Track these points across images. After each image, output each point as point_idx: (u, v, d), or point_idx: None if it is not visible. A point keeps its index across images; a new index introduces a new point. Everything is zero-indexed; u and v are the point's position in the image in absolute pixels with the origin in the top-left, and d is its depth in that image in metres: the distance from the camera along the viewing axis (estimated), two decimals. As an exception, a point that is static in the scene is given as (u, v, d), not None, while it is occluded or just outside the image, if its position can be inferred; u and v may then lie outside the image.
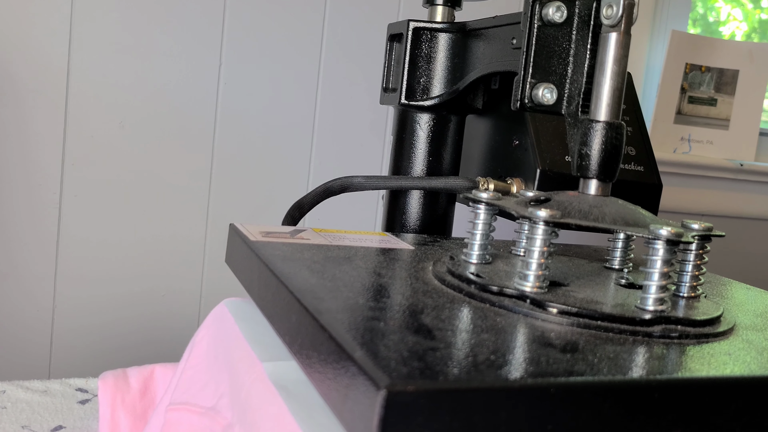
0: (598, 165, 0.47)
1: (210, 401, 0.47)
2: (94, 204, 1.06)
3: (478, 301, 0.43)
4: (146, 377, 0.58)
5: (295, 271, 0.44)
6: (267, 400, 0.40)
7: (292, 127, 1.14)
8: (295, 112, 1.14)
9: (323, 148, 1.15)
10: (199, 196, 1.11)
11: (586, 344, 0.37)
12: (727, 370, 0.36)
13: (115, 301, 1.08)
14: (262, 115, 1.12)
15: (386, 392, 0.28)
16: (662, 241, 0.41)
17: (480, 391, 0.30)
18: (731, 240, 1.41)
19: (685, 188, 1.36)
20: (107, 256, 1.07)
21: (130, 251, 1.08)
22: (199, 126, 1.09)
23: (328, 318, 0.36)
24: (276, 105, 1.12)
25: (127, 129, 1.07)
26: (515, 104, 0.50)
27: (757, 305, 0.52)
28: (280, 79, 1.12)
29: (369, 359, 0.31)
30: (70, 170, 1.05)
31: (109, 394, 0.56)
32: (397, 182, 0.64)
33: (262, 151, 1.13)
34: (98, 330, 1.08)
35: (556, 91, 0.49)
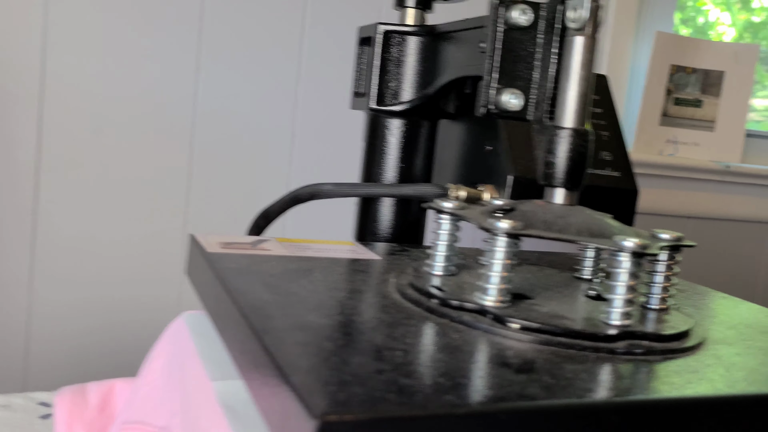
0: (564, 173, 0.45)
1: (163, 420, 0.45)
2: (70, 208, 1.04)
3: (437, 316, 0.41)
4: (105, 393, 0.56)
5: (249, 286, 0.42)
6: (214, 422, 0.38)
7: (272, 130, 1.12)
8: (274, 115, 1.12)
9: (303, 151, 1.14)
10: (177, 200, 1.09)
11: (544, 363, 0.35)
12: (691, 389, 0.34)
13: (93, 307, 1.06)
14: (241, 118, 1.10)
15: (319, 421, 0.27)
16: (627, 253, 0.40)
17: (422, 419, 0.28)
18: (718, 243, 1.39)
19: (671, 190, 1.35)
20: (84, 260, 1.05)
21: (107, 257, 1.06)
22: (177, 129, 1.08)
23: (272, 338, 0.34)
24: (255, 108, 1.11)
25: (104, 132, 1.05)
26: (480, 110, 0.48)
27: (731, 316, 0.51)
28: (260, 81, 1.10)
29: (306, 384, 0.29)
30: (46, 174, 1.03)
31: (66, 411, 0.54)
32: (367, 189, 0.62)
33: (241, 155, 1.11)
34: (75, 337, 1.06)
35: (522, 97, 0.48)
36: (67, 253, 1.04)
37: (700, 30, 1.56)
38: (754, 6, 1.58)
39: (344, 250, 0.56)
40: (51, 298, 1.04)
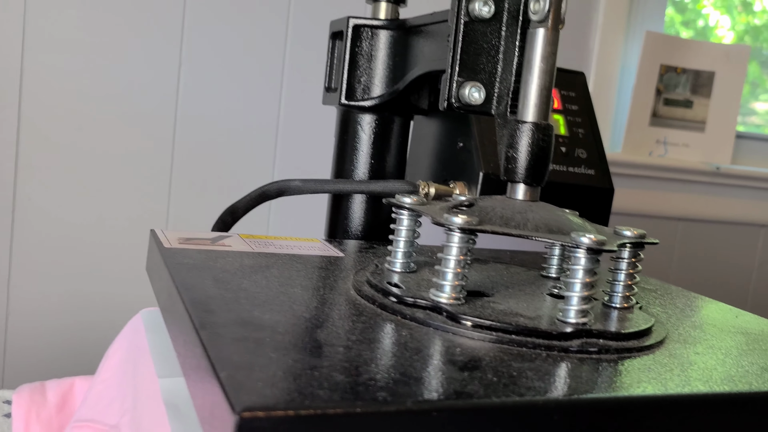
0: (525, 168, 0.44)
1: (115, 419, 0.44)
2: (50, 207, 1.03)
3: (389, 313, 0.40)
4: (65, 391, 0.55)
5: (198, 282, 0.41)
6: (157, 420, 0.37)
7: (256, 127, 1.11)
8: (258, 112, 1.11)
9: (287, 149, 1.13)
10: (159, 199, 1.08)
11: (491, 361, 0.34)
12: (639, 389, 0.33)
13: (73, 304, 1.05)
14: (224, 116, 1.09)
15: (238, 418, 0.26)
16: (583, 250, 0.39)
17: (348, 417, 0.27)
18: (708, 245, 1.38)
19: (661, 192, 1.34)
20: (64, 259, 1.04)
21: (88, 256, 1.05)
22: (158, 127, 1.07)
23: (209, 333, 0.33)
24: (238, 105, 1.10)
25: (84, 131, 1.04)
26: (443, 104, 0.48)
27: (700, 316, 0.50)
28: (243, 78, 1.09)
29: (233, 379, 0.28)
30: (25, 171, 1.02)
31: (24, 409, 0.53)
32: (335, 186, 0.62)
33: (224, 153, 1.10)
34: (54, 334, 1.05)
35: (484, 91, 0.47)
36: (47, 251, 1.03)
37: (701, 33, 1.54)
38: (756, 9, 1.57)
39: (308, 247, 0.55)
40: (30, 295, 1.03)
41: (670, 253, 1.37)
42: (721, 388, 0.35)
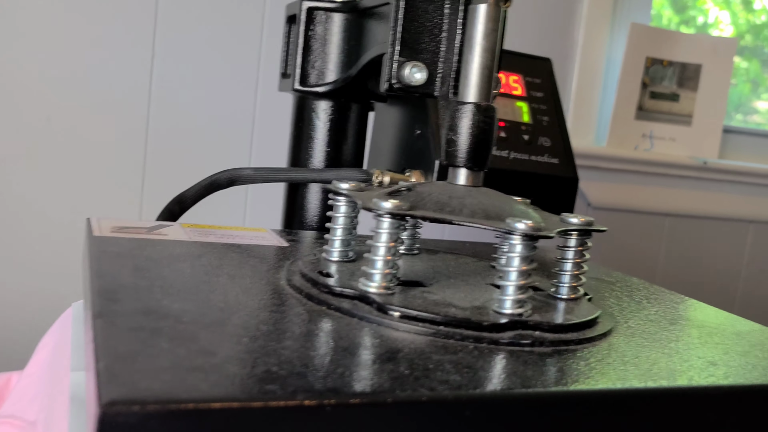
0: (466, 152, 0.42)
1: (34, 415, 0.42)
2: (21, 202, 1.01)
3: (315, 303, 0.38)
4: (1, 386, 0.53)
5: (115, 270, 0.39)
6: (63, 415, 0.35)
7: (232, 117, 1.09)
8: (233, 104, 1.09)
9: (264, 141, 1.10)
10: (132, 193, 1.06)
11: (410, 353, 0.32)
12: (564, 383, 0.31)
13: (45, 303, 1.03)
14: (198, 108, 1.07)
15: (101, 411, 0.23)
16: (518, 236, 0.37)
17: (230, 411, 0.25)
18: (695, 241, 1.36)
19: (647, 186, 1.31)
20: (37, 250, 1.02)
21: (56, 253, 1.03)
22: (131, 120, 1.05)
23: (105, 322, 0.31)
24: (213, 97, 1.07)
25: (55, 123, 1.02)
26: (383, 85, 0.45)
27: (655, 309, 0.47)
28: (218, 70, 1.07)
29: (109, 370, 0.26)
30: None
31: (-44, 404, 0.51)
32: (288, 175, 0.59)
33: (198, 146, 1.08)
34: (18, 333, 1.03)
35: (426, 71, 0.44)
36: (19, 241, 1.01)
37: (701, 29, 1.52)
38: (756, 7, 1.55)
39: (252, 237, 0.53)
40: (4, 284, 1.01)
41: (656, 249, 1.34)
42: (657, 383, 0.33)
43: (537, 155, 0.63)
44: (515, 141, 0.63)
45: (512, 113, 0.66)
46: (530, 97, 0.65)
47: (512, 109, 0.66)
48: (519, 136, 0.63)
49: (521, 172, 0.61)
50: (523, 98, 0.65)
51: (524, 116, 0.64)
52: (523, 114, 0.64)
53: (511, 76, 0.68)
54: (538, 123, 0.64)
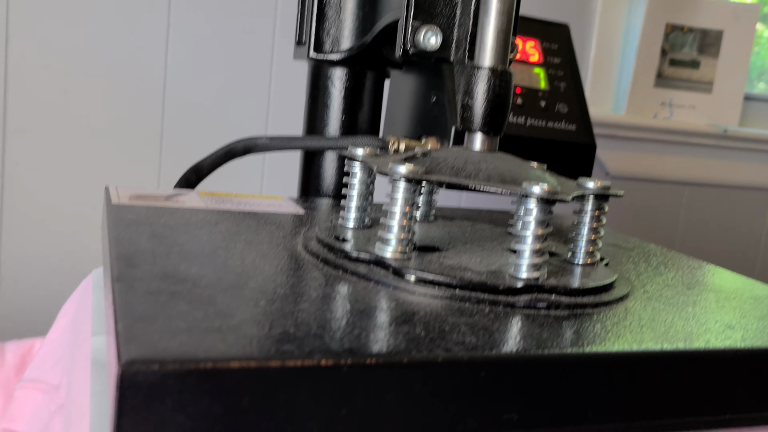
0: (482, 117, 0.42)
1: (57, 379, 0.43)
2: (38, 173, 1.02)
3: (331, 267, 0.38)
4: (24, 352, 0.54)
5: (133, 237, 0.39)
6: (84, 378, 0.35)
7: (247, 88, 1.09)
8: (249, 73, 1.09)
9: (279, 110, 1.10)
10: (149, 164, 1.07)
11: (426, 316, 0.32)
12: (579, 346, 0.31)
13: (62, 273, 1.04)
14: (214, 78, 1.07)
15: (120, 369, 0.24)
16: (534, 200, 0.36)
17: (248, 371, 0.25)
18: (715, 210, 1.34)
19: (666, 155, 1.30)
20: (50, 225, 1.03)
21: (76, 223, 1.04)
22: (147, 90, 1.05)
23: (124, 285, 0.31)
24: (229, 67, 1.07)
25: (72, 94, 1.02)
26: (398, 51, 0.45)
27: (673, 275, 0.47)
28: (233, 39, 1.07)
29: (128, 330, 0.26)
30: (12, 137, 1.01)
31: (-19, 370, 0.52)
32: (303, 143, 0.59)
33: (214, 116, 1.08)
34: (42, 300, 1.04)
35: (441, 35, 0.44)
36: (37, 218, 1.02)
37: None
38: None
39: (269, 205, 0.53)
40: (19, 258, 1.03)
41: (675, 218, 1.33)
42: (673, 345, 0.33)
43: (554, 122, 0.62)
44: (532, 107, 0.63)
45: (529, 79, 0.65)
46: (547, 63, 0.65)
47: (529, 75, 0.65)
48: (536, 102, 0.63)
49: (538, 139, 0.61)
50: (539, 64, 0.65)
51: (541, 83, 0.64)
52: (540, 80, 0.64)
53: (528, 42, 0.67)
54: (555, 89, 0.63)
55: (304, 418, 0.26)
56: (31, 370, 0.46)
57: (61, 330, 0.47)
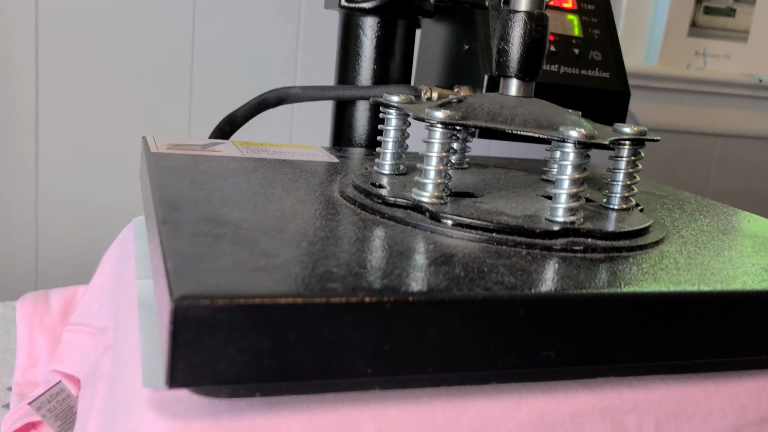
0: (518, 62, 0.42)
1: (103, 322, 0.44)
2: (71, 127, 1.03)
3: (369, 212, 0.39)
4: (68, 299, 0.56)
5: (174, 182, 0.40)
6: (131, 319, 0.37)
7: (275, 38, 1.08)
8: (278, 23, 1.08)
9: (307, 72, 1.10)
10: (179, 119, 1.08)
11: (464, 258, 0.33)
12: (616, 286, 0.32)
13: (97, 226, 1.06)
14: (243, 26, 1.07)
15: (173, 305, 0.25)
16: (571, 144, 0.37)
17: (295, 307, 0.26)
18: (748, 162, 1.33)
19: (699, 107, 1.28)
20: (86, 177, 1.05)
21: (110, 176, 1.06)
22: (176, 42, 1.05)
23: (169, 228, 0.32)
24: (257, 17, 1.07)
25: (100, 50, 1.03)
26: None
27: (707, 221, 0.47)
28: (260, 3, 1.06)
29: (178, 269, 0.27)
30: (45, 93, 1.02)
31: (27, 316, 0.54)
32: (336, 92, 0.59)
33: (243, 76, 1.08)
34: (83, 256, 1.07)
35: (476, -20, 0.43)
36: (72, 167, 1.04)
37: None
38: None
39: (303, 153, 0.53)
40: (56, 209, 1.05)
41: (707, 170, 1.31)
42: (711, 287, 0.33)
43: (588, 69, 0.61)
44: (565, 55, 0.62)
45: (562, 27, 0.64)
46: (581, 10, 0.64)
47: (562, 22, 0.64)
48: (569, 50, 0.62)
49: (572, 87, 0.60)
50: (573, 11, 0.64)
51: (575, 30, 0.63)
52: (573, 27, 0.63)
53: (560, -11, 0.66)
54: (589, 36, 0.63)
55: (349, 352, 0.27)
56: (76, 315, 0.47)
57: (105, 276, 0.48)
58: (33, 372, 0.57)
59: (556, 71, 0.62)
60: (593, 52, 0.62)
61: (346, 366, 0.27)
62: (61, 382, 0.48)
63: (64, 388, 0.49)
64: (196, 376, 0.25)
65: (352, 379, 0.27)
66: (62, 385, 0.49)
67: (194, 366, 0.25)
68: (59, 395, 0.50)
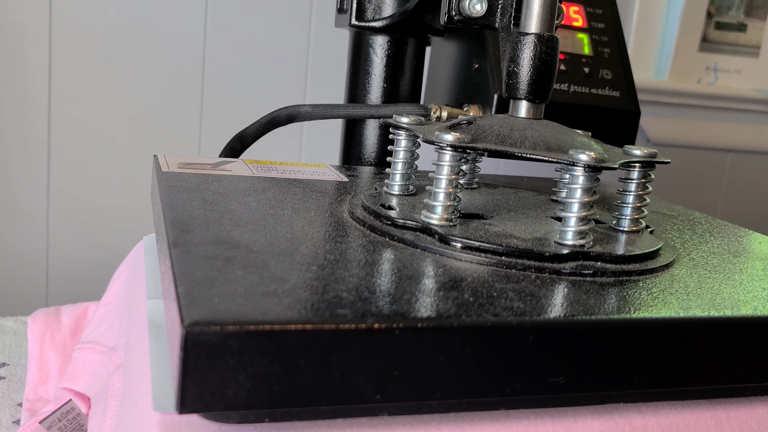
0: (528, 84, 0.42)
1: (113, 341, 0.45)
2: (83, 141, 1.04)
3: (378, 234, 0.39)
4: (79, 316, 0.56)
5: (185, 203, 0.41)
6: (142, 339, 0.37)
7: (285, 57, 1.09)
8: (288, 38, 1.09)
9: (318, 81, 1.11)
10: (189, 131, 1.08)
11: (473, 282, 0.33)
12: (626, 312, 0.32)
13: (108, 241, 1.07)
14: (253, 43, 1.08)
15: (184, 331, 0.25)
16: (581, 167, 0.37)
17: (305, 333, 0.26)
18: (760, 178, 1.32)
19: (710, 122, 1.27)
20: (98, 192, 1.06)
21: (121, 191, 1.06)
22: (187, 57, 1.06)
23: (180, 251, 0.32)
24: (268, 32, 1.08)
25: (113, 63, 1.04)
26: (443, 18, 0.45)
27: (718, 242, 0.47)
28: (272, 7, 1.07)
29: (189, 294, 0.27)
30: (57, 106, 1.03)
31: (38, 332, 0.54)
32: (345, 111, 0.60)
33: (254, 85, 1.09)
34: (93, 267, 1.08)
35: (486, 2, 0.44)
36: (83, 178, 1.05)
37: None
38: None
39: (313, 172, 0.54)
40: (68, 224, 1.05)
41: (718, 185, 1.31)
42: (720, 312, 0.33)
43: (598, 88, 0.61)
44: (575, 74, 0.62)
45: (572, 45, 0.64)
46: (591, 29, 0.64)
47: (572, 40, 0.64)
48: (579, 68, 0.62)
49: (581, 106, 0.61)
50: (584, 29, 0.64)
51: (585, 48, 0.63)
52: (583, 46, 0.63)
53: (571, 7, 0.66)
54: (600, 55, 0.63)
55: (358, 378, 0.27)
56: (87, 333, 0.47)
57: (115, 294, 0.49)
58: (43, 388, 0.58)
59: (566, 90, 0.62)
60: (603, 71, 0.62)
61: (354, 392, 0.27)
62: (71, 401, 0.49)
63: (75, 407, 0.49)
64: (205, 401, 0.26)
65: (361, 405, 0.28)
66: (72, 404, 0.49)
67: (204, 392, 0.25)
68: (70, 414, 0.50)
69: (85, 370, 0.45)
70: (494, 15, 0.45)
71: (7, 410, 0.58)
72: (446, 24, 0.45)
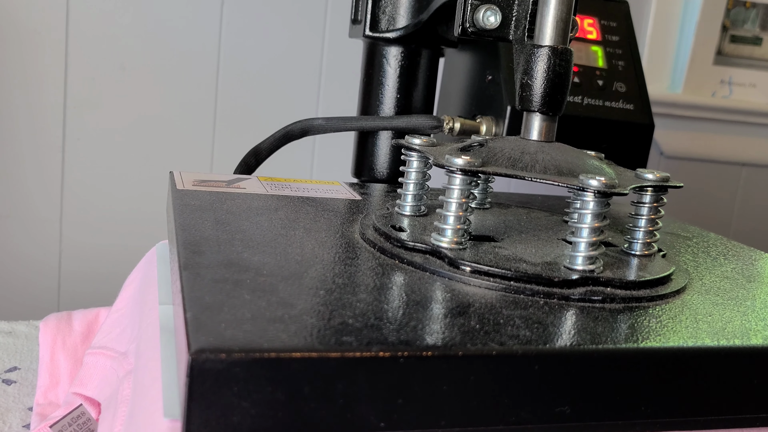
0: (541, 96, 0.42)
1: (124, 346, 0.45)
2: (97, 147, 1.05)
3: (388, 257, 0.39)
4: (90, 321, 0.57)
5: (198, 223, 0.41)
6: (153, 345, 0.37)
7: (299, 65, 1.09)
8: (302, 49, 1.09)
9: (331, 89, 1.11)
10: (203, 140, 1.09)
11: (481, 308, 0.33)
12: (634, 341, 0.31)
13: (121, 243, 1.08)
14: (267, 54, 1.08)
15: (190, 359, 0.25)
16: (591, 192, 0.36)
17: (309, 361, 0.26)
18: (775, 191, 1.31)
19: (725, 135, 1.27)
20: (111, 199, 1.06)
21: (134, 197, 1.07)
22: (201, 66, 1.06)
23: (191, 273, 0.33)
24: (282, 43, 1.08)
25: (128, 70, 1.05)
26: (457, 30, 0.45)
27: (733, 266, 0.46)
28: (286, 18, 1.08)
29: (197, 319, 0.27)
30: (72, 113, 1.04)
31: (50, 337, 0.55)
32: (359, 123, 0.60)
33: (267, 93, 1.09)
34: (105, 273, 1.08)
35: (500, 14, 0.44)
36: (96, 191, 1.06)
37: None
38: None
39: (326, 190, 0.54)
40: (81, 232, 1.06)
41: (731, 200, 1.30)
42: (730, 342, 0.33)
43: (612, 101, 0.61)
44: (589, 86, 0.62)
45: (586, 58, 0.64)
46: (605, 41, 0.64)
47: (586, 53, 0.64)
48: (593, 81, 0.62)
49: (595, 119, 0.60)
50: (598, 42, 0.64)
51: (599, 61, 0.63)
52: (597, 59, 0.63)
53: (586, 20, 0.66)
54: (614, 68, 0.63)
55: (362, 406, 0.27)
56: (98, 338, 0.48)
57: (127, 300, 0.49)
58: (54, 392, 0.58)
59: (580, 102, 0.62)
60: (617, 84, 0.62)
61: (359, 420, 0.27)
62: (81, 406, 0.49)
63: (85, 412, 0.50)
64: (211, 427, 0.26)
65: (366, 433, 0.28)
66: (83, 409, 0.49)
67: (209, 418, 0.26)
68: (80, 419, 0.50)
69: (96, 375, 0.45)
70: (508, 27, 0.45)
71: (18, 414, 0.59)
72: (460, 36, 0.45)
